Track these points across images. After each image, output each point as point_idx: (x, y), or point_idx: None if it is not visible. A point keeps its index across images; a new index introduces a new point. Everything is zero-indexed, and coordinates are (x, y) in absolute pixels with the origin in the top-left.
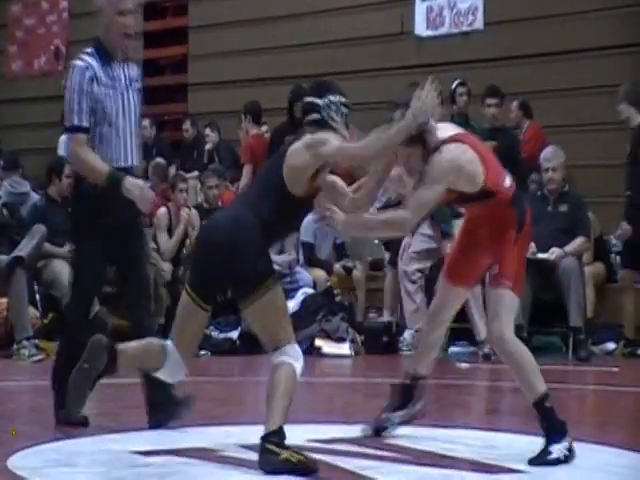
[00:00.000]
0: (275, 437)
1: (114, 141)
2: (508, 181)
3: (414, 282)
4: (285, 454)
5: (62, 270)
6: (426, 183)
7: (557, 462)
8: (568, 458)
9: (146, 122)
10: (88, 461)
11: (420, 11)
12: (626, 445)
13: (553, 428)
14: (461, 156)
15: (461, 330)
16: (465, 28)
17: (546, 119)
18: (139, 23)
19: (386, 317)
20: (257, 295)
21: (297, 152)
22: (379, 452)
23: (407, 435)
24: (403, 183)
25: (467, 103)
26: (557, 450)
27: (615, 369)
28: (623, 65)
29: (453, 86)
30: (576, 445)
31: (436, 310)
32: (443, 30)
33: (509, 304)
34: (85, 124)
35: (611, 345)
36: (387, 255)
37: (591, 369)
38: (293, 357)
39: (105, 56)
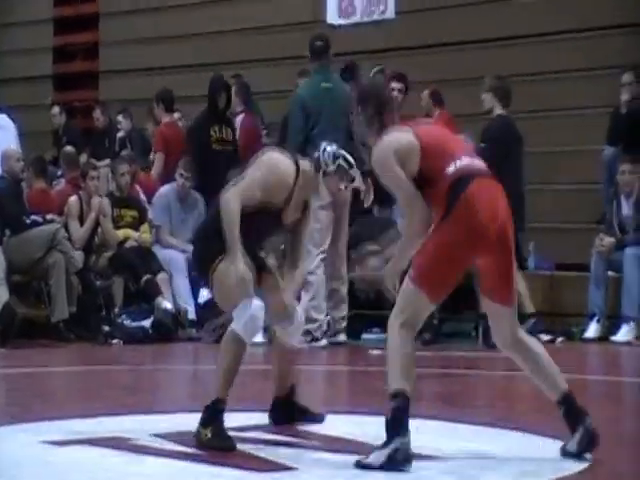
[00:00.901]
0: (206, 412)
1: None
2: (453, 167)
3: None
4: (202, 433)
5: None
6: (385, 177)
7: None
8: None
9: (56, 109)
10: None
11: (332, 0)
12: (531, 429)
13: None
14: (397, 139)
15: (374, 318)
16: (377, 17)
17: (459, 108)
18: (49, 9)
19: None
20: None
21: None
22: (292, 439)
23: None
24: None
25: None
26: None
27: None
28: (532, 54)
29: (371, 73)
30: (486, 429)
31: None
32: (355, 19)
33: (404, 296)
34: None
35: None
36: None
37: (500, 355)
38: (235, 319)
39: None
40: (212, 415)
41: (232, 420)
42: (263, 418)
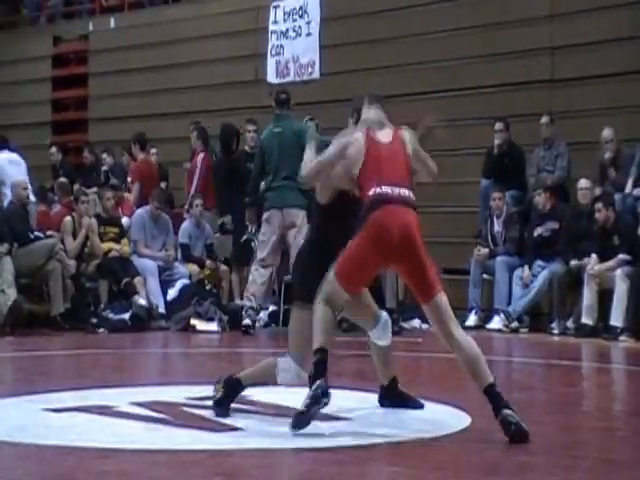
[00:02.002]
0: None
1: None
2: (376, 190)
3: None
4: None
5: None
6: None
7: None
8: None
9: (54, 149)
10: (7, 416)
11: (271, 63)
12: (428, 397)
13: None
14: (351, 142)
15: None
16: (306, 77)
17: None
18: (48, 70)
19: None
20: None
21: None
22: (246, 407)
23: (269, 392)
24: None
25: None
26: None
27: (419, 340)
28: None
29: (304, 121)
30: None
31: None
32: (289, 78)
33: (327, 281)
34: None
35: (417, 322)
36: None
37: (401, 340)
38: (284, 371)
39: None
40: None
41: (195, 392)
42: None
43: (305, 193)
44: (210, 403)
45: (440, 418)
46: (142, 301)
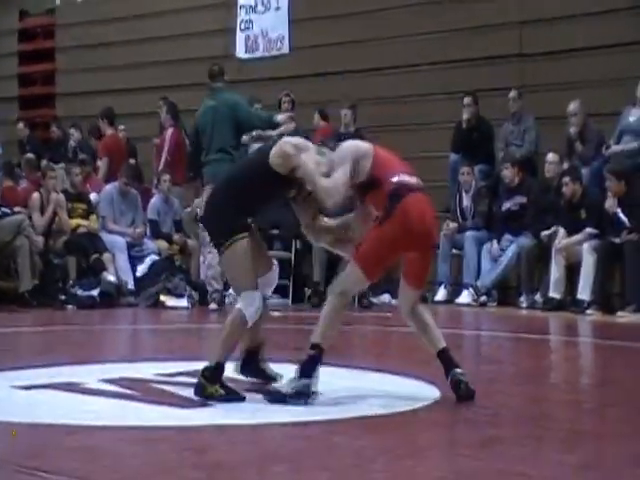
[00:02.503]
0: (208, 372)
1: None
2: (397, 178)
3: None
4: (210, 389)
5: None
6: (337, 165)
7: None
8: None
9: (21, 124)
10: None
11: (240, 39)
12: (397, 371)
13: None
14: (358, 143)
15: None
16: (275, 52)
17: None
18: (14, 44)
19: None
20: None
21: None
22: None
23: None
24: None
25: (290, 110)
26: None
27: (389, 314)
28: (396, 82)
29: (280, 96)
30: (360, 372)
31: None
32: (258, 54)
33: (348, 272)
34: None
35: (387, 297)
36: None
37: (371, 314)
38: (245, 303)
39: None
40: (216, 375)
41: (164, 368)
42: (187, 366)
43: None
44: (195, 380)
45: (409, 392)
46: (111, 277)
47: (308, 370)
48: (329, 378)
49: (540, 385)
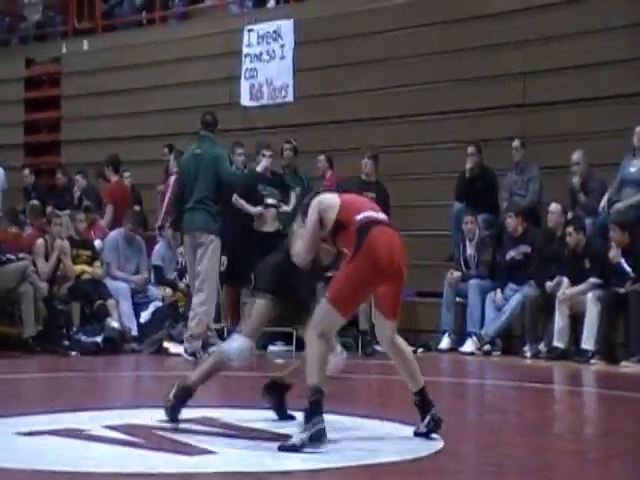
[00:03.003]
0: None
1: None
2: (361, 215)
3: None
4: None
5: None
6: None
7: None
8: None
9: (27, 171)
10: None
11: (245, 87)
12: (401, 420)
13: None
14: (321, 198)
15: (278, 333)
16: (279, 100)
17: (347, 171)
18: (21, 92)
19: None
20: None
21: None
22: (219, 430)
23: (242, 415)
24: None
25: (293, 157)
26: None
27: (393, 363)
28: (384, 131)
29: (283, 145)
30: (363, 421)
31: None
32: (263, 101)
33: (322, 312)
34: None
35: None
36: None
37: (375, 362)
38: (228, 341)
39: None
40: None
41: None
42: (189, 413)
43: (216, 217)
44: (183, 426)
45: (413, 441)
46: (115, 324)
47: (315, 414)
48: (333, 427)
49: (544, 435)
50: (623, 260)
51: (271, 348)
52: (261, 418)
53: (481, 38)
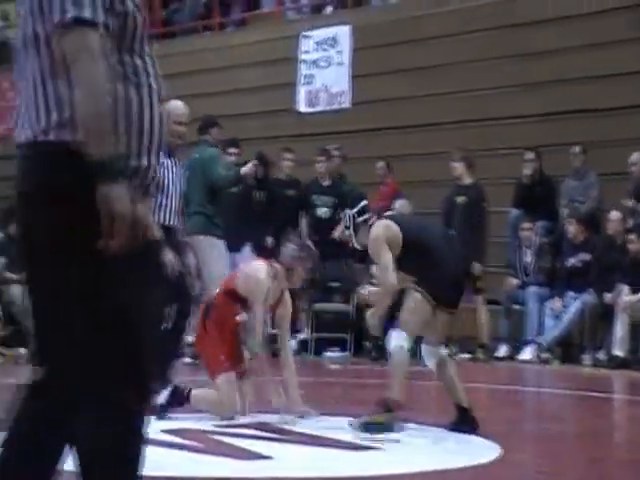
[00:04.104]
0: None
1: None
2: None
3: None
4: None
5: (19, 293)
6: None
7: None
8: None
9: None
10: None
11: (302, 93)
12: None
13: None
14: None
15: (334, 339)
16: (336, 106)
17: (403, 176)
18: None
19: None
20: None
21: None
22: (276, 435)
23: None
24: None
25: (341, 164)
26: None
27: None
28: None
29: (332, 151)
30: (423, 427)
31: None
32: (319, 108)
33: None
34: None
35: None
36: None
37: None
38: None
39: None
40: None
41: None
42: (246, 417)
43: (213, 218)
44: (241, 431)
45: (471, 449)
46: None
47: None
48: (391, 434)
49: (603, 444)
50: None
51: (327, 354)
52: (316, 424)
53: (541, 43)
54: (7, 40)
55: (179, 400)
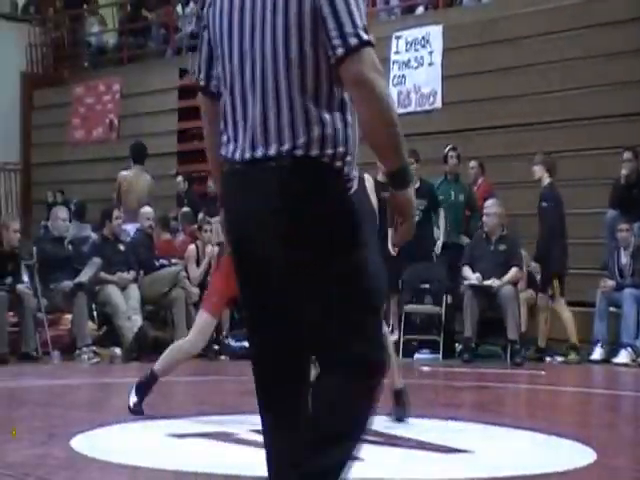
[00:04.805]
0: None
1: None
2: None
3: None
4: None
5: (113, 293)
6: None
7: None
8: None
9: (180, 178)
10: (135, 440)
11: (392, 94)
12: (551, 431)
13: None
14: None
15: (424, 341)
16: (427, 107)
17: (494, 177)
18: (175, 101)
19: None
20: None
21: None
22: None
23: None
24: None
25: (457, 164)
26: None
27: (542, 372)
28: (534, 137)
29: (445, 150)
30: (513, 431)
31: None
32: (410, 108)
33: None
34: None
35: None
36: None
37: (524, 372)
38: None
39: None
40: None
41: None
42: None
43: None
44: None
45: (564, 453)
46: None
47: None
48: (479, 436)
49: None
50: None
51: (418, 356)
52: (399, 425)
53: (637, 41)
54: (103, 45)
55: (148, 383)
